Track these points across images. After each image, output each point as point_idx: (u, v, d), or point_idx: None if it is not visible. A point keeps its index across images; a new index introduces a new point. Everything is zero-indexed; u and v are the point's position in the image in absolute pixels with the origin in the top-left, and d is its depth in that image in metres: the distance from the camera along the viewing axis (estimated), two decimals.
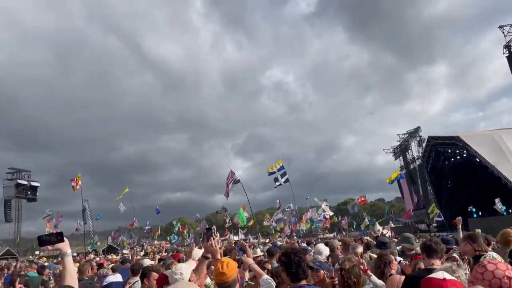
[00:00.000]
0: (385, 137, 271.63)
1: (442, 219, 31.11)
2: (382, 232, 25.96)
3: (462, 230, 7.16)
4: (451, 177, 37.12)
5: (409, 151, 46.71)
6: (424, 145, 38.55)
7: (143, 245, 39.96)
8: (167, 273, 3.19)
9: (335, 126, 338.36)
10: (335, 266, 4.28)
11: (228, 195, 21.54)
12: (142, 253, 18.06)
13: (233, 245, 12.37)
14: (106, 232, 54.59)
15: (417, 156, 43.85)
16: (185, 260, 4.31)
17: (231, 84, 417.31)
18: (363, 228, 39.67)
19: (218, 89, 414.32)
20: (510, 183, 25.09)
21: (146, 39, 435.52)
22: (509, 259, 3.78)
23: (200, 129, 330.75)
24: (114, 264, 7.97)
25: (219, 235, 35.30)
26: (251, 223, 34.00)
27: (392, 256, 4.15)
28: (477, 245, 4.07)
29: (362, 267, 3.40)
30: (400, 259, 4.76)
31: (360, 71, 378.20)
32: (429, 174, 38.34)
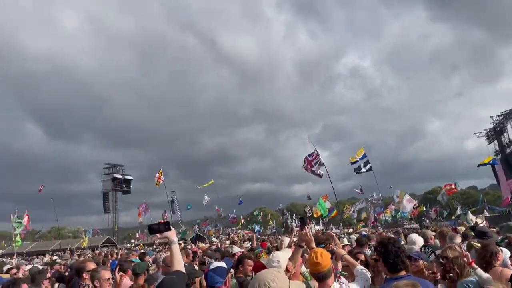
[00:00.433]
0: (475, 120, 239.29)
1: None
2: (476, 222, 23.47)
3: None
4: None
5: (504, 134, 42.46)
6: None
7: (229, 234, 42.16)
8: (263, 261, 3.37)
9: (418, 111, 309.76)
10: (431, 257, 4.10)
11: (318, 172, 18.64)
12: (228, 242, 19.02)
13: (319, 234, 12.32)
14: (193, 221, 58.71)
15: None
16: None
17: (305, 73, 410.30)
18: (454, 218, 36.45)
19: (293, 79, 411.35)
20: None
21: (221, 35, 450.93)
22: None
23: (276, 120, 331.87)
24: (210, 252, 8.61)
25: (313, 224, 35.47)
26: (334, 213, 33.32)
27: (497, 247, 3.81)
28: None
29: (466, 260, 3.18)
30: (506, 250, 4.30)
31: (444, 50, 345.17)
32: None
